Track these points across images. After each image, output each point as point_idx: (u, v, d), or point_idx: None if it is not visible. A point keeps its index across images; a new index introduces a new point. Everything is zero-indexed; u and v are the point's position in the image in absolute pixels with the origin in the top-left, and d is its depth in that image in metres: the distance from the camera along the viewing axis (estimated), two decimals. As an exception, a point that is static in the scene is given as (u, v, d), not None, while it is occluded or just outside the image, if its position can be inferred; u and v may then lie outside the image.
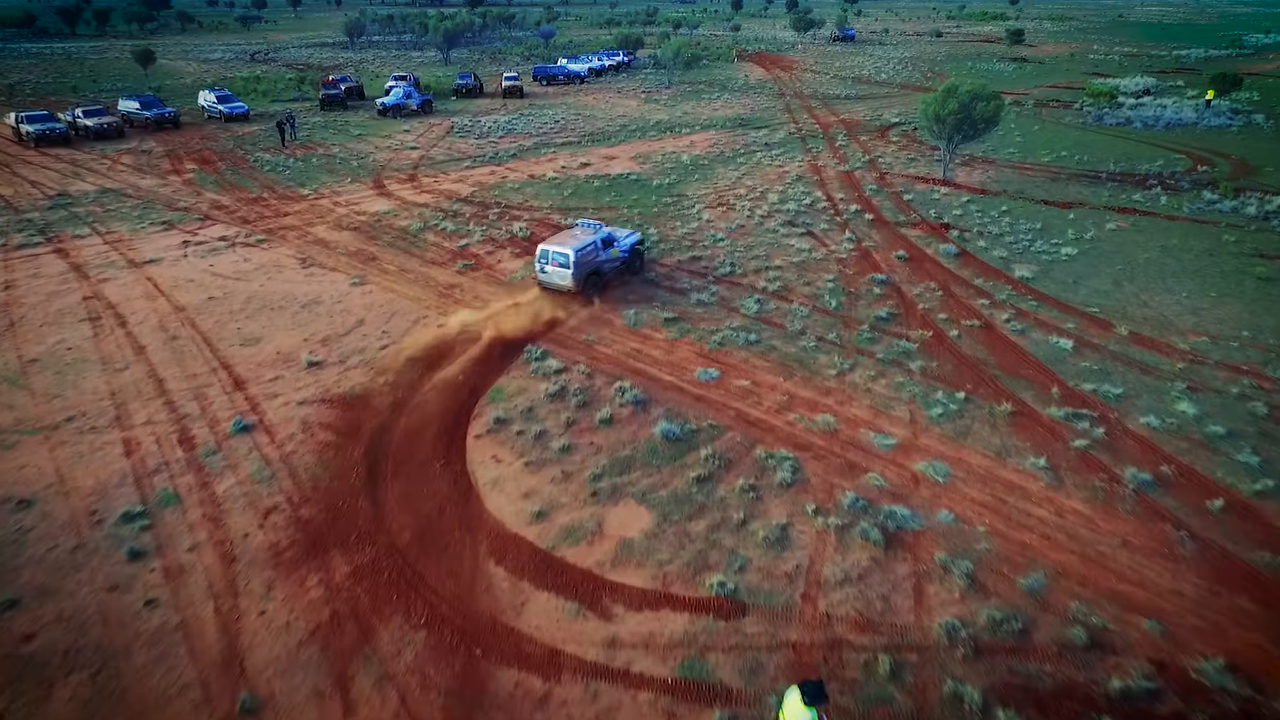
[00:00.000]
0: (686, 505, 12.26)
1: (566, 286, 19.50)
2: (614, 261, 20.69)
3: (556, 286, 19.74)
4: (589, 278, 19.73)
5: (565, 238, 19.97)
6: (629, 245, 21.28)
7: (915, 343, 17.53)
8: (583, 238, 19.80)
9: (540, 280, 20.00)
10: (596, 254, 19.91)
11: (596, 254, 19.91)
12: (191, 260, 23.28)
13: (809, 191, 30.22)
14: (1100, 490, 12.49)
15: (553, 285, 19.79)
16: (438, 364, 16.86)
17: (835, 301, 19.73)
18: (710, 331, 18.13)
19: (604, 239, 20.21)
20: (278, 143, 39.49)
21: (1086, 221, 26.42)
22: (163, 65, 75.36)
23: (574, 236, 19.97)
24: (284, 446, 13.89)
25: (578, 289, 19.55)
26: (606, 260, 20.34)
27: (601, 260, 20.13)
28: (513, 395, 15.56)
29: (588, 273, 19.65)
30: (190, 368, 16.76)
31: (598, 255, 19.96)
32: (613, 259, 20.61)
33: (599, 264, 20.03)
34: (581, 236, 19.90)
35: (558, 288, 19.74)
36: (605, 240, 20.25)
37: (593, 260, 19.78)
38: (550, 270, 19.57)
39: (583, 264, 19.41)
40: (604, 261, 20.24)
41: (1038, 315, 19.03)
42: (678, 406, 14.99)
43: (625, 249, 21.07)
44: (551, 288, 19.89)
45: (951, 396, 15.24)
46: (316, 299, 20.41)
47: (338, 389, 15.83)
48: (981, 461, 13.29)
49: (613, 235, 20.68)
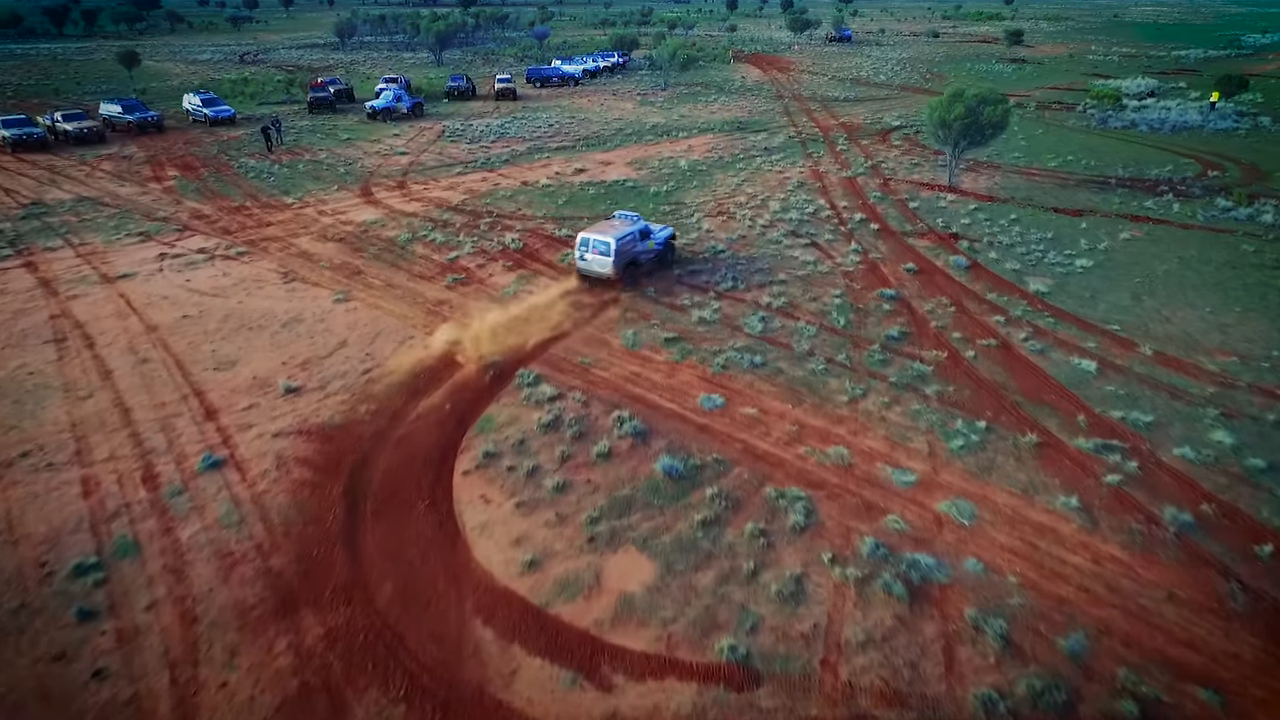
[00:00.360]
0: (692, 553, 11.27)
1: (606, 274, 20.18)
2: (649, 253, 21.34)
3: (596, 274, 20.40)
4: (627, 267, 20.45)
5: (605, 227, 20.63)
6: (663, 239, 22.04)
7: (930, 365, 16.58)
8: (622, 228, 20.48)
9: (580, 268, 20.67)
10: (635, 244, 20.59)
11: (635, 244, 20.59)
12: (167, 275, 22.19)
13: (811, 199, 29.27)
14: (1138, 534, 11.55)
15: (592, 273, 20.45)
16: (424, 390, 15.84)
17: (843, 319, 18.77)
18: (713, 353, 17.16)
19: (641, 230, 20.86)
20: (263, 148, 38.36)
21: (1099, 230, 25.54)
22: (149, 67, 74.05)
23: (613, 226, 20.64)
24: (256, 485, 12.86)
25: (617, 277, 20.21)
26: (643, 251, 21.06)
27: (639, 251, 20.84)
28: (503, 425, 14.56)
29: (626, 262, 20.38)
30: (159, 395, 15.69)
31: (635, 246, 20.64)
32: (649, 250, 21.31)
33: (636, 254, 20.76)
34: (621, 227, 20.56)
35: (597, 275, 20.41)
36: (642, 232, 20.91)
37: (631, 250, 20.45)
38: (590, 258, 20.25)
39: (622, 253, 20.08)
40: (641, 252, 20.96)
41: (1056, 333, 18.11)
42: (680, 438, 14.01)
43: (660, 242, 21.85)
44: (591, 275, 20.56)
45: (972, 426, 14.29)
46: (298, 317, 19.36)
47: (316, 419, 14.80)
48: (1008, 500, 12.34)
49: (649, 228, 21.38)
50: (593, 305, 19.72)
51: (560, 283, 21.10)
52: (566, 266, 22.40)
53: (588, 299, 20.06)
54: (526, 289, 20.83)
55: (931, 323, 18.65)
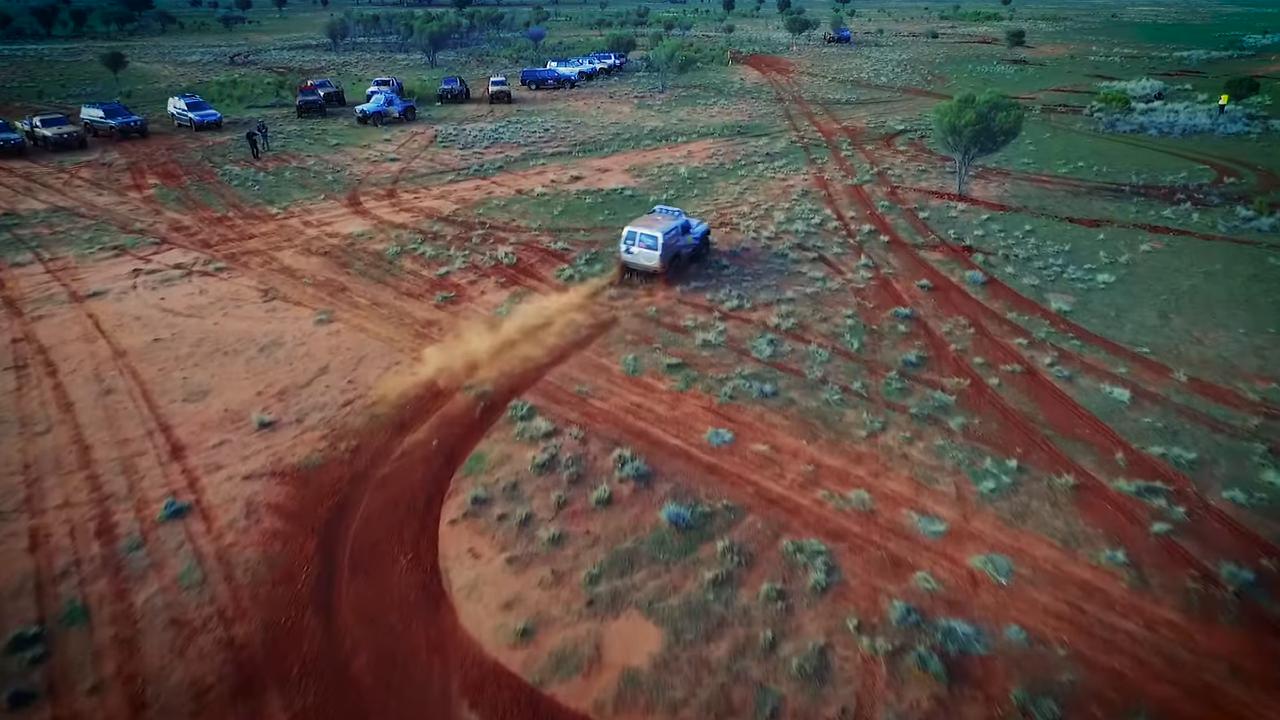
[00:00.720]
0: (702, 619, 10.16)
1: (653, 267, 20.57)
2: (689, 246, 21.86)
3: (642, 267, 20.80)
4: (672, 260, 20.87)
5: (651, 221, 21.03)
6: (700, 233, 22.61)
7: (952, 394, 15.49)
8: (666, 223, 20.84)
9: (625, 261, 21.00)
10: (678, 238, 21.11)
11: (678, 238, 21.11)
12: (141, 293, 21.00)
13: (817, 209, 28.18)
14: (1194, 594, 10.48)
15: (638, 265, 20.85)
16: (410, 423, 14.70)
17: (857, 342, 17.68)
18: (719, 381, 16.05)
19: (682, 225, 21.30)
20: (249, 154, 37.13)
21: (1118, 242, 24.49)
22: (137, 69, 72.69)
23: (658, 221, 21.00)
24: (222, 537, 11.71)
25: (663, 270, 20.62)
26: (684, 245, 21.56)
27: (681, 245, 21.34)
28: (494, 466, 13.42)
29: (672, 255, 20.82)
30: (123, 430, 14.53)
31: (679, 239, 21.17)
32: (688, 244, 21.82)
33: (679, 248, 21.26)
34: (665, 222, 20.93)
35: (643, 268, 20.83)
36: (683, 227, 21.38)
37: (675, 244, 20.97)
38: (637, 251, 20.60)
39: (669, 246, 20.58)
40: (683, 246, 21.48)
41: (1083, 358, 17.05)
42: (687, 480, 12.90)
43: (697, 236, 22.39)
44: (636, 268, 20.97)
45: (1002, 465, 13.21)
46: (277, 340, 18.20)
47: (291, 458, 13.65)
48: (1048, 553, 11.25)
49: (689, 222, 21.97)
50: (590, 327, 18.63)
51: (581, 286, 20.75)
52: (562, 283, 21.29)
53: (584, 324, 18.95)
54: (510, 313, 19.70)
55: (951, 346, 17.57)
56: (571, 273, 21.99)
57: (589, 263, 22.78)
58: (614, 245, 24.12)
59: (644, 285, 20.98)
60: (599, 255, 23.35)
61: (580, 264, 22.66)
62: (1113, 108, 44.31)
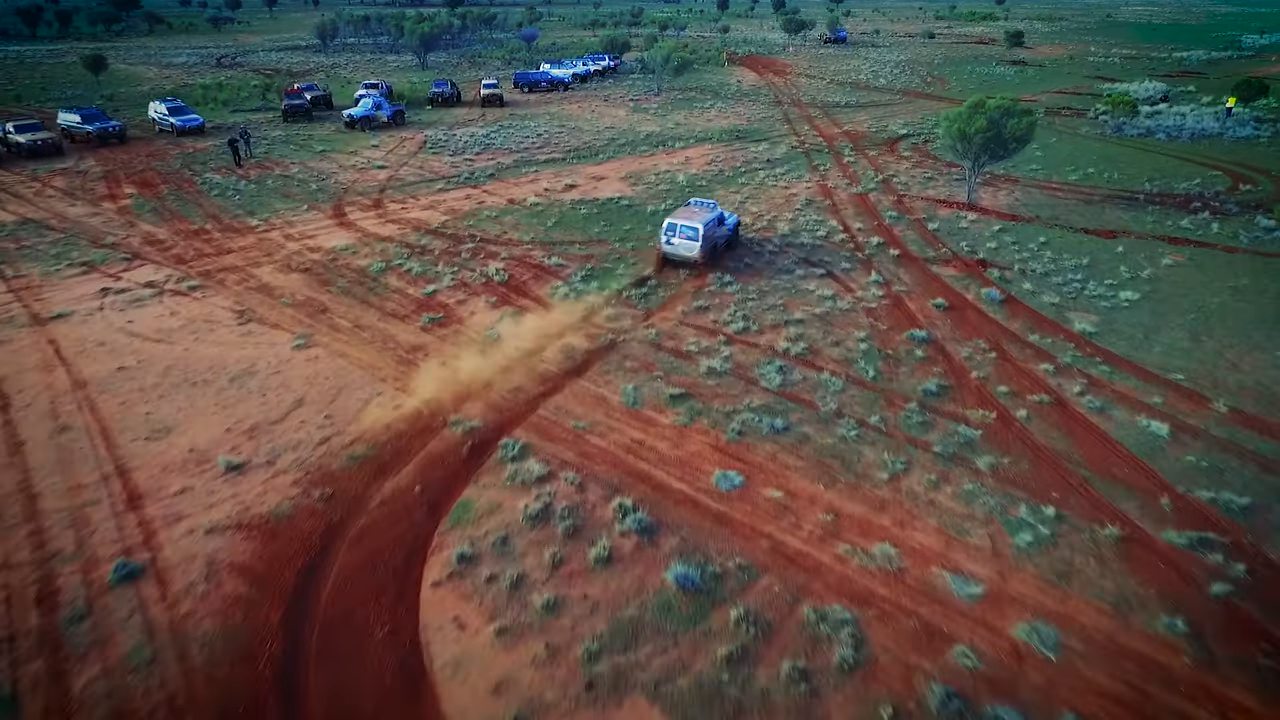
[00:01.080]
0: (716, 706, 8.99)
1: (693, 258, 21.52)
2: (724, 237, 22.85)
3: (682, 257, 21.74)
4: (710, 250, 21.77)
5: (690, 213, 21.98)
6: (732, 225, 23.59)
7: (977, 428, 14.36)
8: (704, 215, 21.81)
9: (666, 252, 21.92)
10: (715, 229, 22.03)
11: (715, 229, 22.03)
12: (108, 314, 19.72)
13: (822, 220, 27.05)
14: (1268, 671, 9.36)
15: (678, 256, 21.77)
16: (391, 465, 13.49)
17: (872, 369, 16.53)
18: (726, 414, 14.88)
19: (718, 217, 22.26)
20: (230, 161, 35.79)
21: (1138, 255, 23.44)
22: (121, 71, 71.18)
23: (696, 213, 21.98)
24: (178, 605, 10.48)
25: (703, 260, 21.58)
26: (720, 236, 22.54)
27: (718, 235, 22.30)
28: (482, 516, 12.23)
29: (710, 245, 21.73)
30: (77, 474, 13.28)
31: (716, 230, 22.10)
32: (723, 235, 22.82)
33: (716, 238, 22.19)
34: (703, 214, 21.91)
35: (682, 259, 21.75)
36: (719, 219, 22.30)
37: (713, 235, 21.86)
38: (677, 242, 21.56)
39: (708, 237, 21.50)
40: (719, 236, 22.42)
41: (1114, 385, 15.94)
42: (694, 533, 11.72)
43: (730, 227, 23.37)
44: (676, 259, 21.88)
45: (1038, 512, 12.08)
46: (250, 368, 16.95)
47: (260, 507, 12.43)
48: (1098, 621, 10.12)
49: (723, 214, 22.86)
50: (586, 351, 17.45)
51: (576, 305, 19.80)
52: (557, 302, 20.10)
53: (579, 348, 17.77)
54: (497, 339, 18.49)
55: (972, 373, 16.44)
56: (566, 290, 20.80)
57: (585, 279, 21.59)
58: (611, 260, 23.03)
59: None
60: (595, 271, 22.17)
61: (576, 281, 21.47)
62: (1118, 111, 43.32)
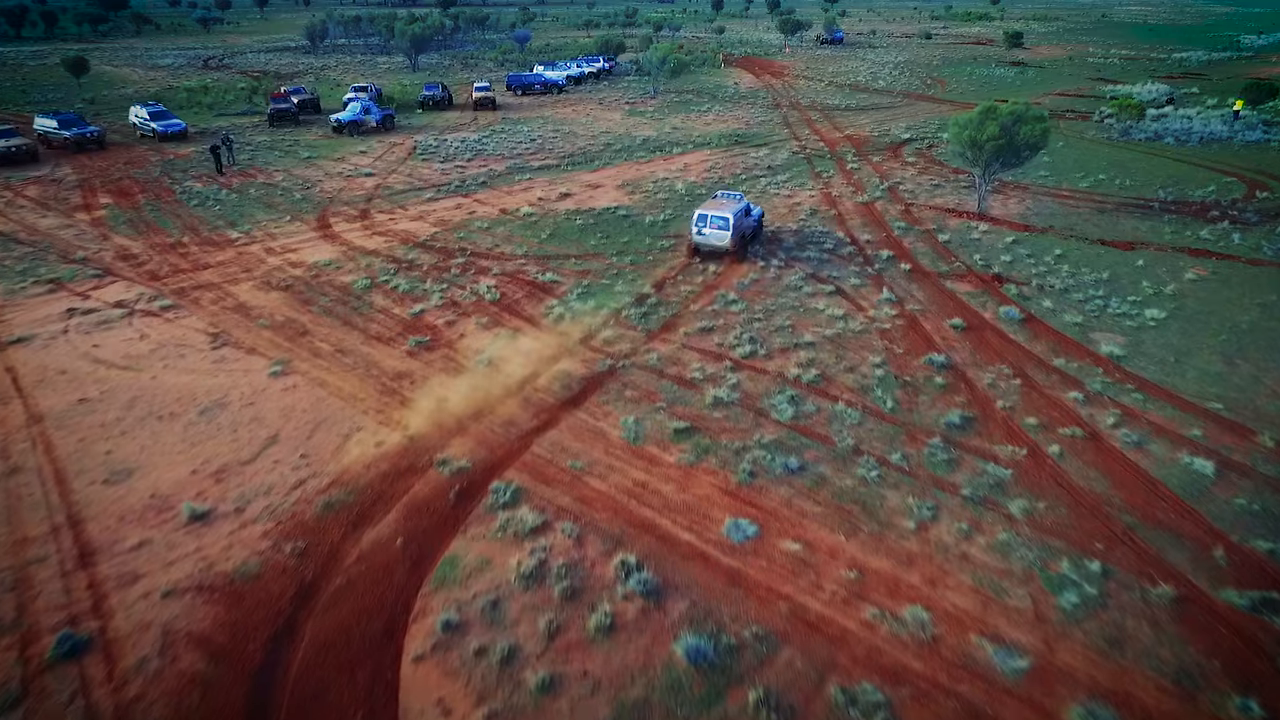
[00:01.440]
0: (736, 813, 7.87)
1: (724, 247, 22.31)
2: (751, 227, 23.77)
3: (713, 247, 22.49)
4: (740, 239, 22.58)
5: (720, 205, 22.63)
6: (757, 216, 24.42)
7: (1008, 467, 13.29)
8: (733, 206, 22.48)
9: (697, 243, 22.59)
10: (744, 219, 22.80)
11: (744, 219, 22.80)
12: (72, 338, 18.49)
13: (829, 231, 25.97)
14: (1357, 765, 8.29)
15: (710, 246, 22.47)
16: (370, 514, 12.33)
17: (890, 399, 15.44)
18: (736, 451, 13.76)
19: (745, 208, 23.02)
20: (212, 169, 34.50)
21: (1159, 269, 22.43)
22: (105, 73, 69.72)
23: (725, 204, 22.61)
24: (126, 687, 9.30)
25: (734, 249, 22.38)
26: (748, 226, 23.35)
27: (746, 225, 23.08)
28: (470, 575, 11.08)
29: (740, 235, 22.52)
30: (24, 525, 12.08)
31: (744, 220, 22.90)
32: (751, 225, 23.71)
33: (745, 228, 23.01)
34: (731, 205, 22.53)
35: (713, 248, 22.51)
36: (746, 209, 23.06)
37: (742, 224, 22.62)
38: (709, 233, 22.23)
39: (739, 227, 22.33)
40: (747, 226, 23.27)
41: (1149, 416, 14.89)
42: (705, 596, 10.59)
43: (755, 218, 24.17)
44: (708, 249, 22.61)
45: (1082, 567, 11.00)
46: (222, 399, 15.76)
47: (225, 564, 11.25)
48: (1160, 701, 9.03)
49: (749, 205, 23.62)
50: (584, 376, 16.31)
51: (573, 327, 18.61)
52: (552, 323, 18.96)
53: (575, 376, 16.63)
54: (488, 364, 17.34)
55: (997, 402, 15.36)
56: (562, 310, 19.66)
57: (581, 297, 20.47)
58: (609, 276, 21.93)
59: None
60: (592, 289, 21.04)
61: (572, 299, 20.34)
62: (1125, 114, 42.40)
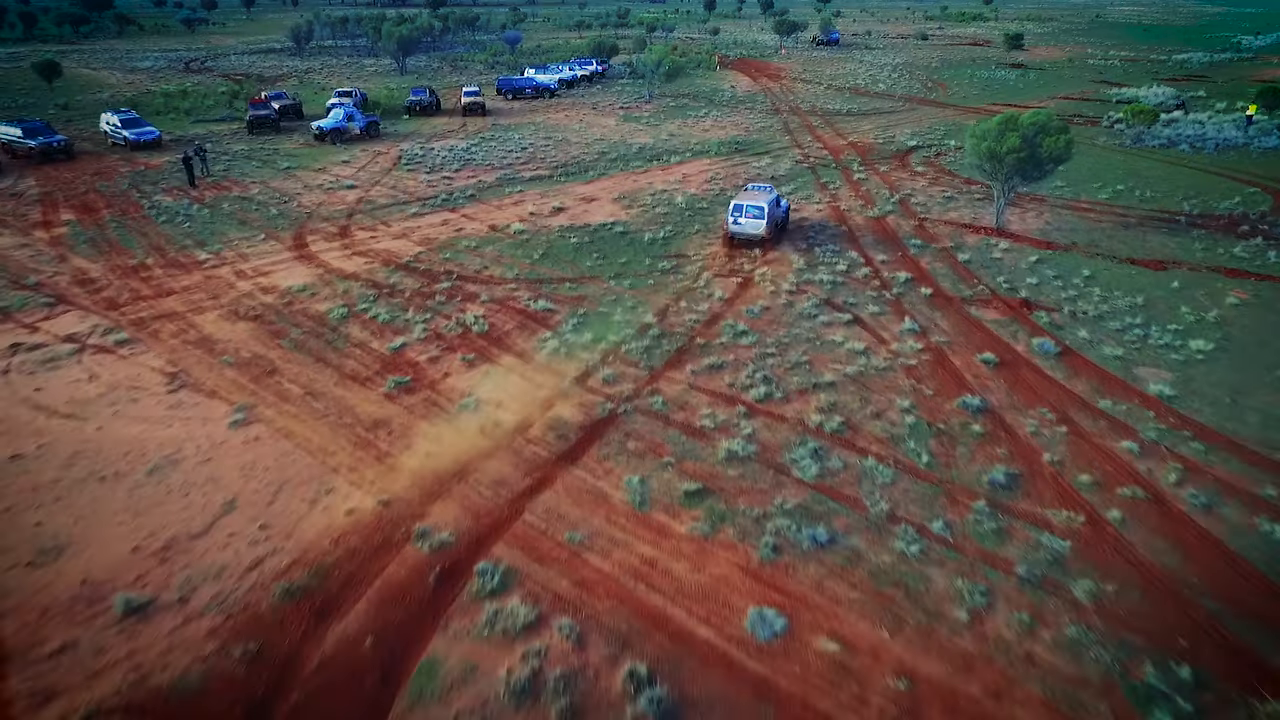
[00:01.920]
0: None
1: (760, 235, 23.58)
2: (783, 216, 25.29)
3: (748, 236, 23.75)
4: (774, 227, 23.98)
5: (753, 195, 24.23)
6: (785, 206, 25.75)
7: (1065, 537, 11.69)
8: (766, 196, 24.07)
9: (733, 232, 23.89)
10: (776, 209, 24.31)
11: (776, 209, 24.31)
12: (13, 381, 16.69)
13: (840, 251, 24.32)
14: None
15: (745, 234, 23.76)
16: (336, 603, 10.62)
17: (925, 452, 13.81)
18: (755, 520, 12.11)
19: (776, 199, 24.54)
20: (185, 181, 32.60)
21: (1196, 292, 20.93)
22: (81, 76, 67.53)
23: (758, 195, 24.23)
24: None
25: (768, 236, 23.65)
26: (780, 215, 24.87)
27: (778, 214, 24.59)
28: (453, 687, 9.37)
29: (774, 223, 23.91)
30: (-71, 622, 10.30)
31: (776, 210, 24.35)
32: (782, 214, 25.20)
33: (777, 217, 24.50)
34: (764, 196, 24.19)
35: (749, 237, 23.77)
36: (776, 200, 24.52)
37: (775, 214, 24.03)
38: (744, 222, 23.57)
39: (773, 216, 23.79)
40: (779, 215, 24.81)
41: (1214, 471, 13.32)
42: (730, 716, 8.92)
43: (784, 210, 25.62)
44: (743, 237, 23.88)
45: (1169, 672, 9.39)
46: (175, 455, 14.00)
47: (161, 676, 9.52)
48: None
49: (779, 197, 25.08)
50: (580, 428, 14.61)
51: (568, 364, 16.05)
52: (545, 359, 17.27)
53: (572, 422, 14.92)
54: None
55: (1044, 455, 13.77)
56: (556, 344, 17.97)
57: (577, 328, 18.78)
58: (607, 303, 20.27)
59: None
60: (588, 319, 19.36)
61: (567, 331, 18.64)
62: (1138, 120, 41.00)
